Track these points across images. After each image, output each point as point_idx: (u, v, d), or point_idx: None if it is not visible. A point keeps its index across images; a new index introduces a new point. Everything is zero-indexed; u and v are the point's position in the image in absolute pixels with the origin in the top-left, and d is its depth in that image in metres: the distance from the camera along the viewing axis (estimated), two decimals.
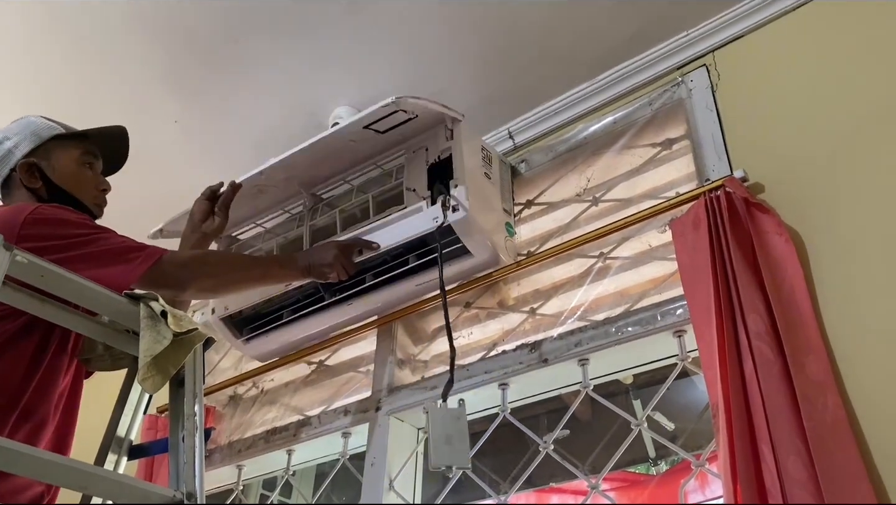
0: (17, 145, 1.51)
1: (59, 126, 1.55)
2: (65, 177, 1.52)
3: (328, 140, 1.87)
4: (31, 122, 1.54)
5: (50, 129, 1.53)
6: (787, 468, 1.20)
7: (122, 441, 1.34)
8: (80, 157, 1.54)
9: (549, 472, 2.88)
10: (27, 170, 1.49)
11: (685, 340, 1.58)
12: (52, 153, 1.52)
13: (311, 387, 2.30)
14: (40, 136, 1.52)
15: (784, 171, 1.59)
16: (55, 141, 1.53)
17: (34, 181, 1.49)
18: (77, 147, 1.55)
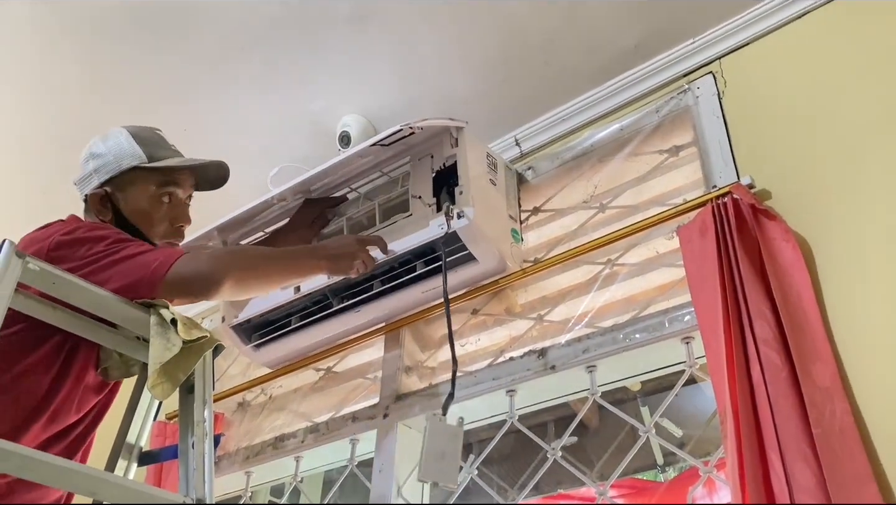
0: (97, 170, 1.48)
1: (143, 153, 1.48)
2: (136, 212, 1.48)
3: (339, 160, 1.89)
4: (119, 145, 1.49)
5: (132, 157, 1.47)
6: (794, 475, 1.20)
7: (133, 447, 1.35)
8: (156, 190, 1.49)
9: (556, 478, 2.88)
10: (99, 200, 1.46)
11: (693, 346, 1.58)
12: (129, 185, 1.47)
13: (318, 393, 2.31)
14: (120, 165, 1.47)
15: (791, 178, 1.59)
16: (136, 171, 1.48)
17: (105, 212, 1.47)
18: (156, 179, 1.49)
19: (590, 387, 1.70)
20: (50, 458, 1.08)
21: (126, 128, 1.52)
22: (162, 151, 1.51)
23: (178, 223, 1.53)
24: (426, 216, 1.80)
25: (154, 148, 1.51)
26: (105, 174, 1.47)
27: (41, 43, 2.01)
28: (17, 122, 2.22)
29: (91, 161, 1.49)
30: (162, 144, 1.53)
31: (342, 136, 2.16)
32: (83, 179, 1.50)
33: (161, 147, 1.52)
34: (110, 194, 1.47)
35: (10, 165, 2.37)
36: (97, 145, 1.50)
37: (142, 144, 1.49)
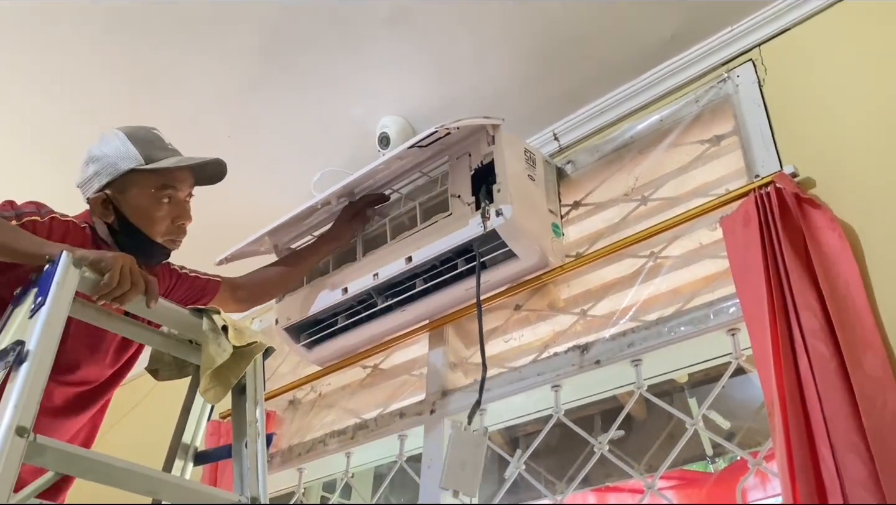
0: (97, 173, 1.51)
1: (139, 154, 1.50)
2: (137, 212, 1.50)
3: (379, 164, 1.92)
4: (115, 148, 1.51)
5: (128, 159, 1.49)
6: (846, 467, 1.19)
7: (188, 448, 1.40)
8: (155, 192, 1.51)
9: (605, 471, 2.87)
10: (101, 203, 1.50)
11: (739, 338, 1.57)
12: (129, 187, 1.50)
13: (366, 390, 2.34)
14: (118, 168, 1.49)
15: (835, 165, 1.56)
16: (134, 173, 1.50)
17: (107, 214, 1.51)
18: (155, 180, 1.51)
19: (635, 381, 1.70)
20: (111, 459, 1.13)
21: (121, 129, 1.55)
22: (158, 152, 1.53)
23: (180, 221, 1.56)
24: (465, 215, 1.81)
25: (150, 149, 1.52)
26: (105, 177, 1.50)
27: (83, 49, 2.06)
28: (58, 128, 2.28)
29: (90, 165, 1.52)
30: (158, 144, 1.55)
31: (381, 138, 2.19)
32: (85, 183, 1.53)
33: (157, 147, 1.54)
34: (111, 197, 1.50)
35: (51, 170, 2.43)
36: (95, 149, 1.53)
37: (137, 146, 1.51)
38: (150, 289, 1.25)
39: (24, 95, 2.19)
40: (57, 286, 1.11)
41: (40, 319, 1.08)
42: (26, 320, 1.11)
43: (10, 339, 1.10)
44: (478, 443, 1.50)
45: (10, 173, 2.44)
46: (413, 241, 1.91)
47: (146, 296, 1.24)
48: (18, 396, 1.01)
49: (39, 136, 2.32)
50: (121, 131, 1.54)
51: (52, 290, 1.10)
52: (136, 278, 1.23)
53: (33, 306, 1.11)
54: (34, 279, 1.18)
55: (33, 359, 1.04)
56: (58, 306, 1.10)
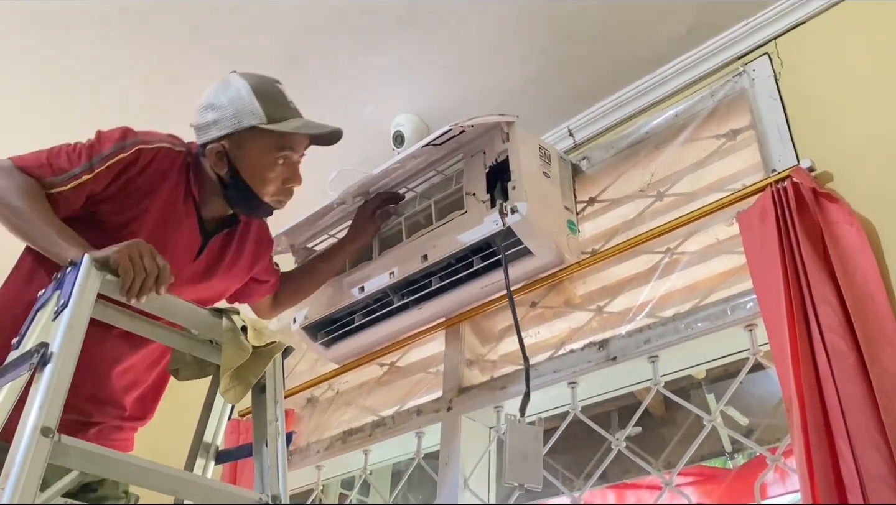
0: (216, 122, 1.48)
1: (263, 112, 1.47)
2: (250, 169, 1.49)
3: (393, 163, 1.93)
4: (240, 99, 1.48)
5: (251, 116, 1.47)
6: (865, 463, 1.18)
7: (210, 447, 1.41)
8: (273, 151, 1.50)
9: (622, 468, 2.87)
10: (216, 155, 1.48)
11: (756, 333, 1.57)
12: (246, 143, 1.48)
13: (383, 388, 2.36)
14: (239, 123, 1.47)
15: (853, 159, 1.55)
16: (254, 130, 1.47)
17: (221, 166, 1.49)
18: (273, 141, 1.49)
19: (652, 377, 1.70)
20: (134, 458, 1.15)
21: (247, 79, 1.51)
22: (281, 111, 1.50)
23: (290, 183, 1.56)
24: (481, 213, 1.81)
25: (274, 107, 1.49)
26: (223, 129, 1.47)
27: (102, 55, 2.09)
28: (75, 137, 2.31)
29: (210, 112, 1.49)
30: (281, 102, 1.52)
31: (396, 136, 2.20)
32: (201, 127, 1.51)
33: (280, 105, 1.51)
34: (227, 150, 1.48)
35: None
36: (218, 95, 1.50)
37: (262, 102, 1.48)
38: (162, 275, 1.22)
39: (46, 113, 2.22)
40: (79, 289, 1.12)
41: (63, 322, 1.09)
42: (50, 322, 1.13)
43: (35, 341, 1.11)
44: (535, 434, 1.50)
45: None
46: (429, 240, 1.91)
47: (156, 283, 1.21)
48: (43, 397, 1.02)
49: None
50: (246, 82, 1.50)
51: (73, 293, 1.12)
52: (148, 265, 1.21)
53: (56, 309, 1.13)
54: (57, 279, 1.20)
55: (57, 361, 1.06)
56: (80, 309, 1.12)
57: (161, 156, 1.46)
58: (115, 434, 1.47)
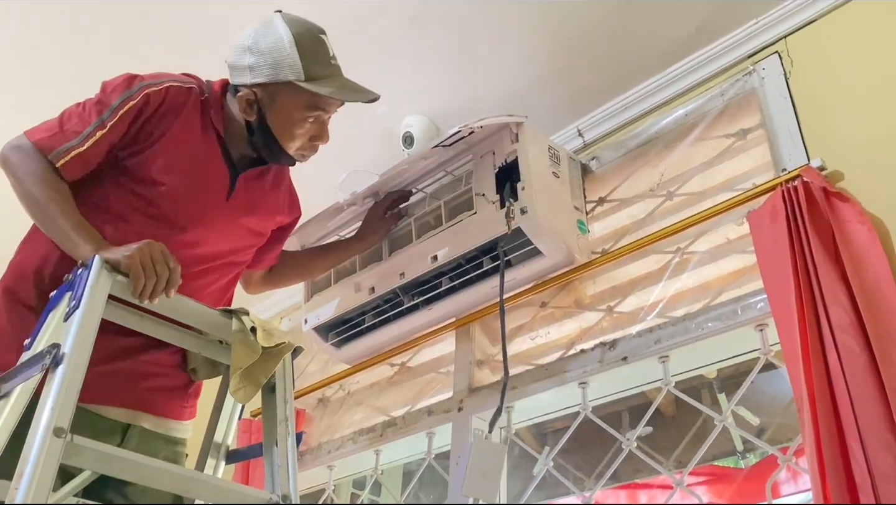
0: (252, 68, 1.43)
1: (301, 68, 1.42)
2: (279, 122, 1.47)
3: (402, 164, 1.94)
4: (280, 49, 1.42)
5: (290, 70, 1.42)
6: (876, 462, 1.18)
7: (220, 447, 1.42)
8: (306, 109, 1.47)
9: (634, 467, 2.86)
10: (246, 102, 1.45)
11: (767, 333, 1.56)
12: (279, 95, 1.44)
13: (394, 388, 2.36)
14: (276, 75, 1.42)
15: (864, 158, 1.54)
16: (289, 84, 1.43)
17: (250, 113, 1.46)
18: (307, 100, 1.46)
19: (663, 377, 1.69)
20: (146, 458, 1.16)
21: (291, 27, 1.45)
22: (320, 68, 1.46)
23: (316, 141, 1.54)
24: (490, 213, 1.81)
25: (313, 63, 1.45)
26: (259, 77, 1.43)
27: (110, 62, 2.10)
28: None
29: (248, 54, 1.44)
30: (321, 58, 1.47)
31: (405, 137, 2.20)
32: (235, 68, 1.46)
33: (320, 61, 1.46)
34: (258, 98, 1.45)
35: None
36: (258, 38, 1.44)
37: (303, 56, 1.43)
38: (172, 277, 1.22)
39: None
40: (90, 290, 1.13)
41: (74, 323, 1.10)
42: (61, 323, 1.14)
43: (47, 342, 1.12)
44: (498, 451, 1.50)
45: None
46: (438, 241, 1.92)
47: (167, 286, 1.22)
48: (55, 397, 1.03)
49: None
50: (290, 31, 1.44)
51: (85, 294, 1.13)
52: (160, 269, 1.21)
53: (67, 310, 1.14)
54: (68, 280, 1.21)
55: (68, 361, 1.07)
56: (91, 310, 1.13)
57: (172, 94, 1.44)
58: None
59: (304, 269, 1.96)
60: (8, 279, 1.37)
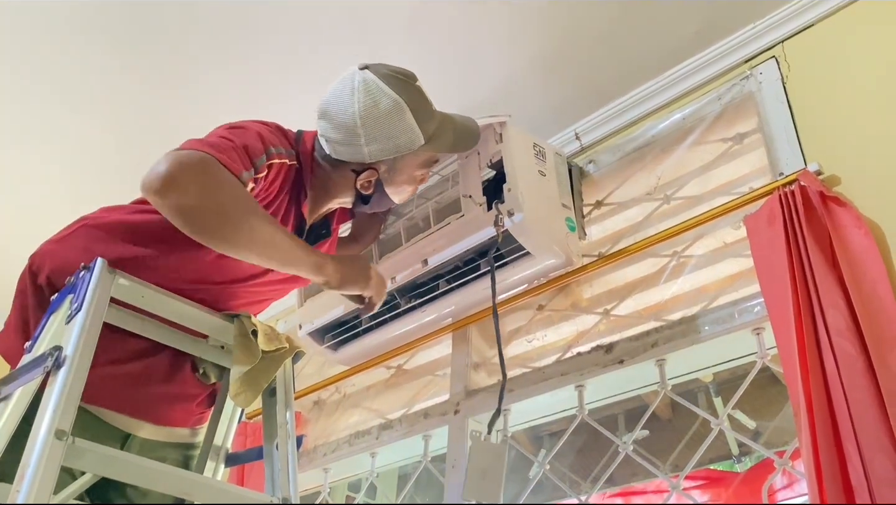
0: (368, 146, 1.38)
1: (422, 136, 1.40)
2: (398, 185, 1.47)
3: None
4: (404, 128, 1.38)
5: (412, 140, 1.40)
6: (873, 467, 1.18)
7: (220, 449, 1.42)
8: (424, 166, 1.48)
9: (630, 471, 2.87)
10: (369, 181, 1.43)
11: (764, 337, 1.57)
12: (402, 161, 1.43)
13: (390, 390, 2.36)
14: (399, 149, 1.40)
15: (861, 163, 1.55)
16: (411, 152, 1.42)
17: (367, 188, 1.44)
18: (427, 156, 1.46)
19: (659, 380, 1.70)
20: (147, 461, 1.16)
21: (394, 88, 1.39)
22: (432, 125, 1.44)
23: (421, 185, 1.57)
24: (478, 216, 1.78)
25: (427, 123, 1.42)
26: (378, 156, 1.40)
27: (111, 62, 2.11)
28: (82, 138, 2.34)
29: (364, 136, 1.37)
30: (429, 111, 1.45)
31: None
32: (346, 146, 1.38)
33: (430, 116, 1.44)
34: (380, 174, 1.43)
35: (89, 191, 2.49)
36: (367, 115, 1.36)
37: (420, 122, 1.40)
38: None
39: (48, 107, 2.24)
40: (92, 293, 1.13)
41: (77, 326, 1.10)
42: (63, 326, 1.14)
43: (48, 344, 1.12)
44: (498, 453, 1.50)
45: (28, 179, 2.50)
46: (428, 244, 1.89)
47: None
48: (57, 400, 1.03)
49: (58, 139, 2.37)
50: (398, 96, 1.38)
51: (87, 296, 1.13)
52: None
53: (70, 312, 1.14)
54: (70, 283, 1.21)
55: (70, 364, 1.07)
56: (94, 313, 1.12)
57: (284, 173, 1.37)
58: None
59: None
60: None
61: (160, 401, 1.35)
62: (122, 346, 1.29)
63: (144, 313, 1.28)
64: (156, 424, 1.35)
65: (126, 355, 1.29)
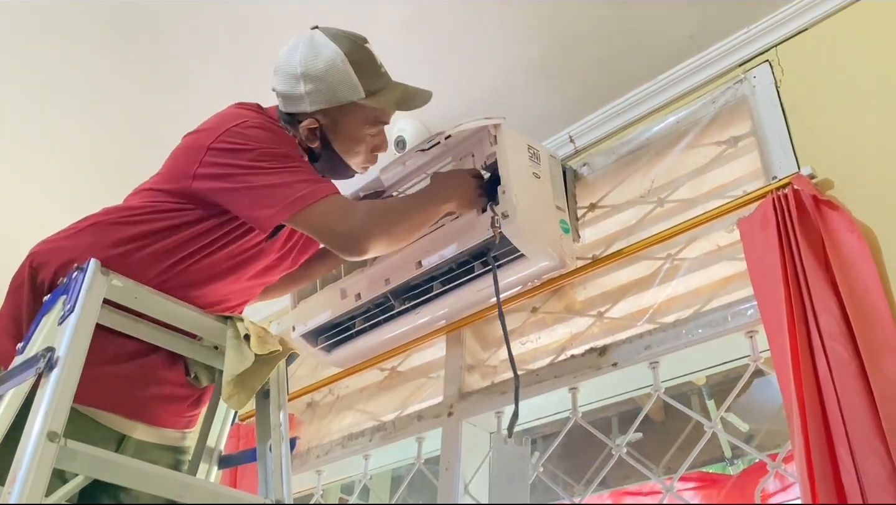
0: (310, 94, 1.43)
1: (361, 87, 1.43)
2: (344, 143, 1.49)
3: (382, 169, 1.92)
4: (336, 73, 1.42)
5: (350, 91, 1.43)
6: (866, 470, 1.19)
7: (213, 452, 1.42)
8: (368, 124, 1.48)
9: (623, 473, 2.87)
10: (309, 130, 1.46)
11: (757, 340, 1.57)
12: (343, 117, 1.46)
13: (384, 392, 2.36)
14: (336, 98, 1.43)
15: (853, 167, 1.56)
16: (351, 104, 1.44)
17: (313, 140, 1.47)
18: (371, 114, 1.47)
19: (653, 383, 1.70)
20: (140, 463, 1.15)
21: (340, 45, 1.44)
22: (377, 80, 1.47)
23: (377, 151, 1.56)
24: (472, 218, 1.78)
25: (371, 78, 1.46)
26: (319, 103, 1.44)
27: (108, 64, 2.10)
28: (76, 135, 2.34)
29: (304, 83, 1.43)
30: (375, 69, 1.48)
31: (398, 141, 2.20)
32: (289, 97, 1.46)
33: (375, 73, 1.47)
34: (321, 125, 1.46)
35: (81, 184, 2.48)
36: (309, 62, 1.43)
37: (361, 76, 1.44)
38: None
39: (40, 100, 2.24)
40: (85, 294, 1.13)
41: (69, 327, 1.09)
42: (55, 327, 1.13)
43: (41, 345, 1.12)
44: (521, 455, 1.48)
45: (29, 176, 2.49)
46: (422, 246, 1.89)
47: None
48: (49, 401, 1.02)
49: (57, 139, 2.36)
50: (341, 50, 1.44)
51: (80, 297, 1.12)
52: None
53: (62, 313, 1.13)
54: (63, 284, 1.21)
55: (63, 365, 1.06)
56: (86, 314, 1.12)
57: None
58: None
59: (298, 276, 1.93)
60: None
61: (154, 401, 1.35)
62: (116, 346, 1.28)
63: (137, 314, 1.28)
64: (149, 424, 1.34)
65: (120, 356, 1.29)
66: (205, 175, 1.35)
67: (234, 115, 1.44)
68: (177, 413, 1.40)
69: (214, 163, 1.35)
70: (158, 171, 1.46)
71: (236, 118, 1.42)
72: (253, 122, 1.42)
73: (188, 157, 1.40)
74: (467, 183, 1.70)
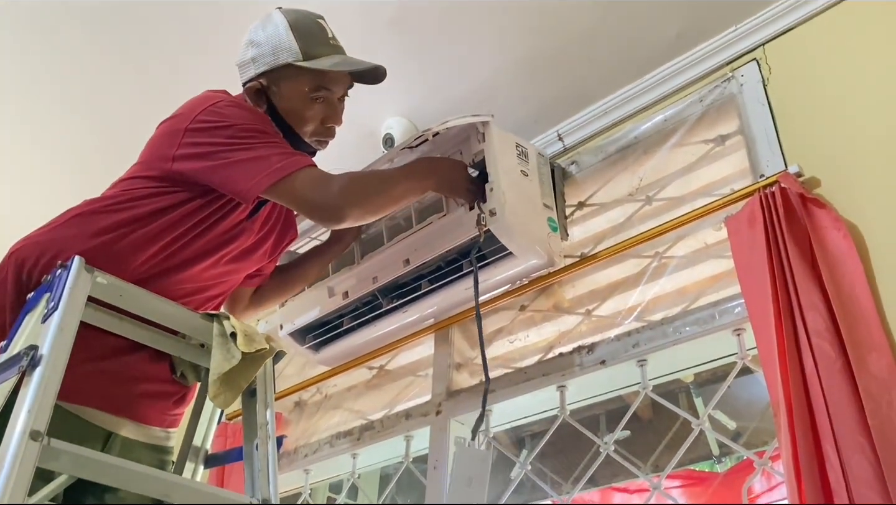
0: (254, 59, 1.48)
1: (298, 49, 1.46)
2: (288, 109, 1.50)
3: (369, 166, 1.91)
4: (277, 36, 1.47)
5: (287, 52, 1.46)
6: (851, 467, 1.19)
7: (199, 451, 1.41)
8: (309, 91, 1.49)
9: (611, 471, 2.88)
10: (255, 93, 1.49)
11: (744, 338, 1.58)
12: (282, 80, 1.48)
13: (372, 391, 2.36)
14: (276, 59, 1.47)
15: (840, 165, 1.57)
16: (290, 68, 1.47)
17: (260, 104, 1.50)
18: (309, 80, 1.48)
19: (641, 381, 1.71)
20: (125, 462, 1.14)
21: (286, 15, 1.50)
22: (319, 48, 1.49)
23: (329, 123, 1.55)
24: (460, 215, 1.78)
25: (311, 43, 1.48)
26: (261, 66, 1.48)
27: (98, 62, 2.09)
28: (67, 130, 2.33)
29: (250, 48, 1.50)
30: (319, 38, 1.51)
31: (386, 139, 2.20)
32: (242, 65, 1.52)
33: (318, 42, 1.50)
34: (266, 87, 1.49)
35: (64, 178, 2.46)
36: (257, 31, 1.50)
37: (299, 38, 1.47)
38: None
39: (31, 98, 2.22)
40: (69, 292, 1.12)
41: (53, 325, 1.08)
42: (39, 325, 1.12)
43: (24, 343, 1.10)
44: (483, 458, 1.49)
45: (18, 174, 2.47)
46: (410, 244, 1.89)
47: None
48: (32, 400, 1.01)
49: (47, 138, 2.34)
50: (285, 18, 1.49)
51: (63, 295, 1.11)
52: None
53: (45, 311, 1.12)
54: (46, 281, 1.19)
55: (46, 363, 1.05)
56: (70, 312, 1.11)
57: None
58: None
59: (289, 284, 1.92)
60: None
61: (140, 398, 1.34)
62: (101, 343, 1.27)
63: (122, 312, 1.27)
64: (136, 422, 1.33)
65: (105, 353, 1.28)
66: (184, 156, 1.37)
67: (207, 97, 1.47)
68: (162, 410, 1.39)
69: (193, 143, 1.37)
70: (135, 162, 1.46)
71: (210, 99, 1.44)
72: (227, 101, 1.45)
73: (165, 141, 1.41)
74: (454, 168, 1.72)
